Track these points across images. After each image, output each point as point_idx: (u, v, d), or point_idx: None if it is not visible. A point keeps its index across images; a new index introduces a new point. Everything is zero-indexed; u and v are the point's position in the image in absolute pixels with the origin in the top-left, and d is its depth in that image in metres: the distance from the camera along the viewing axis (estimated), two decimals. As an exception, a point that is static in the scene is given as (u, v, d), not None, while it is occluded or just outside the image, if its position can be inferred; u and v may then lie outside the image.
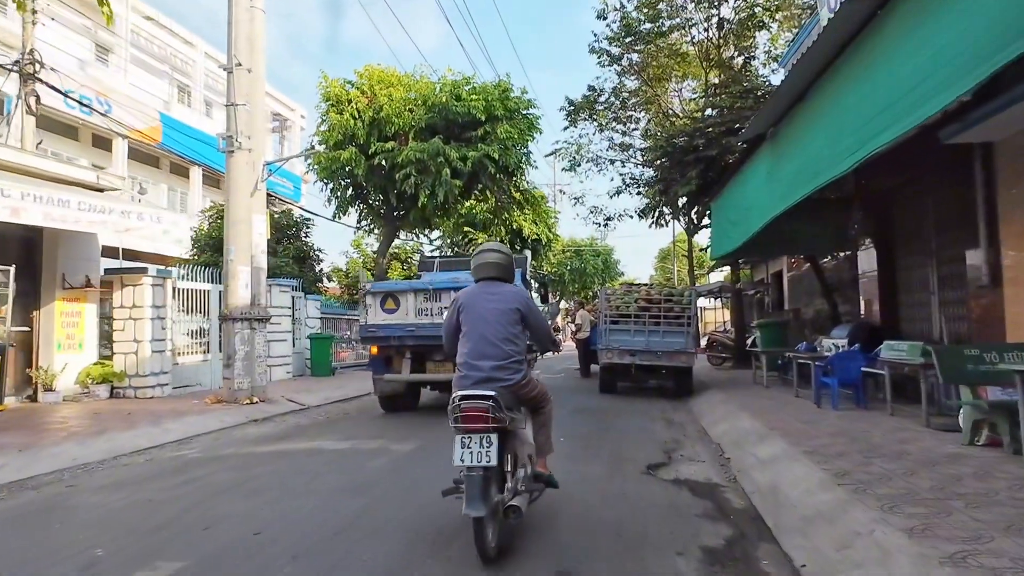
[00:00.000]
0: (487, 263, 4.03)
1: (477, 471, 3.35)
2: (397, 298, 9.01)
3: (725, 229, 11.11)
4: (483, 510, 3.26)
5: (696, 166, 13.04)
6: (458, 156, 14.80)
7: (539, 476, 4.00)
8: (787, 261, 19.19)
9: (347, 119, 15.46)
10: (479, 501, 3.27)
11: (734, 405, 8.79)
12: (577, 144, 18.43)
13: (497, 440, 3.42)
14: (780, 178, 7.85)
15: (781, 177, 7.80)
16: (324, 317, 17.74)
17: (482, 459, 3.35)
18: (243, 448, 6.81)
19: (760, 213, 8.70)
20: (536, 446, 4.04)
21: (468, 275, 4.79)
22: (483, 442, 3.40)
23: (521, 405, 3.85)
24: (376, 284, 9.50)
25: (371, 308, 9.10)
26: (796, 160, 7.28)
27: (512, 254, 4.26)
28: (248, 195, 10.18)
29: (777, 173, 8.00)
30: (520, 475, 3.72)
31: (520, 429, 3.81)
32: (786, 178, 7.58)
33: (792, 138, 7.52)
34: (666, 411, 9.70)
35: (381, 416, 9.26)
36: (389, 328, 8.96)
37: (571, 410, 9.56)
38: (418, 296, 8.91)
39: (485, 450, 3.38)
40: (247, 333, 10.03)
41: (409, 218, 16.84)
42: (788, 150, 7.63)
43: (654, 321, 11.20)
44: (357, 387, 12.94)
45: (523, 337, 3.92)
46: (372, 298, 9.12)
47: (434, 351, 8.75)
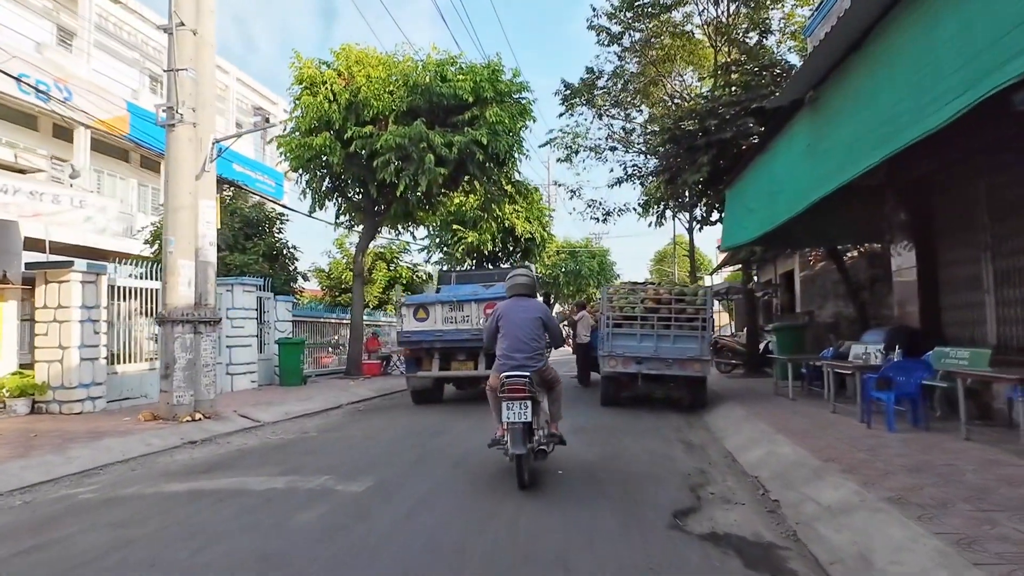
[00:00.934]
0: (519, 284, 5.73)
1: (518, 425, 4.96)
2: (427, 309, 10.63)
3: (740, 218, 9.71)
4: (523, 450, 4.91)
5: (707, 151, 11.65)
6: (443, 142, 13.39)
7: (552, 435, 5.61)
8: (799, 260, 17.85)
9: (321, 101, 14.03)
10: (521, 444, 4.91)
11: (763, 423, 7.37)
12: (574, 132, 17.01)
13: (530, 406, 5.04)
14: (826, 151, 6.45)
15: (827, 150, 6.40)
16: (298, 320, 16.27)
17: (521, 417, 4.98)
18: (151, 486, 5.34)
19: (794, 196, 7.30)
20: (551, 414, 5.73)
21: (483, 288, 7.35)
22: (521, 406, 5.01)
23: (541, 385, 5.47)
24: (409, 298, 11.26)
25: (405, 317, 10.75)
26: (851, 126, 5.88)
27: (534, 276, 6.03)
28: (192, 177, 8.73)
29: (821, 145, 6.60)
30: (542, 432, 5.39)
31: (542, 401, 5.49)
32: (835, 150, 6.18)
33: (844, 98, 6.12)
34: (680, 429, 8.28)
35: (340, 438, 7.80)
36: (420, 334, 10.54)
37: (570, 429, 8.09)
38: (444, 307, 10.51)
39: (524, 411, 5.00)
40: (190, 338, 8.55)
41: (391, 212, 15.40)
42: (838, 115, 6.23)
43: (663, 324, 9.78)
44: (327, 399, 11.48)
45: (544, 337, 5.53)
46: (406, 309, 10.82)
47: (457, 352, 10.47)
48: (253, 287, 13.38)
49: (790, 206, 7.37)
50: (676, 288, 10.35)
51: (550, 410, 5.72)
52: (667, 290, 10.18)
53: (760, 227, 8.63)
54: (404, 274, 25.19)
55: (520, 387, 5.05)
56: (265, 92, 30.82)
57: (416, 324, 10.58)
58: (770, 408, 8.76)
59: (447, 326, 10.41)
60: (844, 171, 5.94)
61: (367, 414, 10.21)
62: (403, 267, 25.36)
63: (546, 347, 5.69)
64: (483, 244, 23.19)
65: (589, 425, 8.47)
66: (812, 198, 6.72)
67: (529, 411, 5.00)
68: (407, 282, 25.30)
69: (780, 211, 7.75)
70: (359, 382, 14.40)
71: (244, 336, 12.97)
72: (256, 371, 13.35)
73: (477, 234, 23.28)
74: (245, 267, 14.76)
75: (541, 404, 5.48)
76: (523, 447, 4.90)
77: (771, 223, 8.09)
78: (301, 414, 10.04)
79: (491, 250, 23.77)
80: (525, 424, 4.98)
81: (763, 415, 8.10)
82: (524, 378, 5.09)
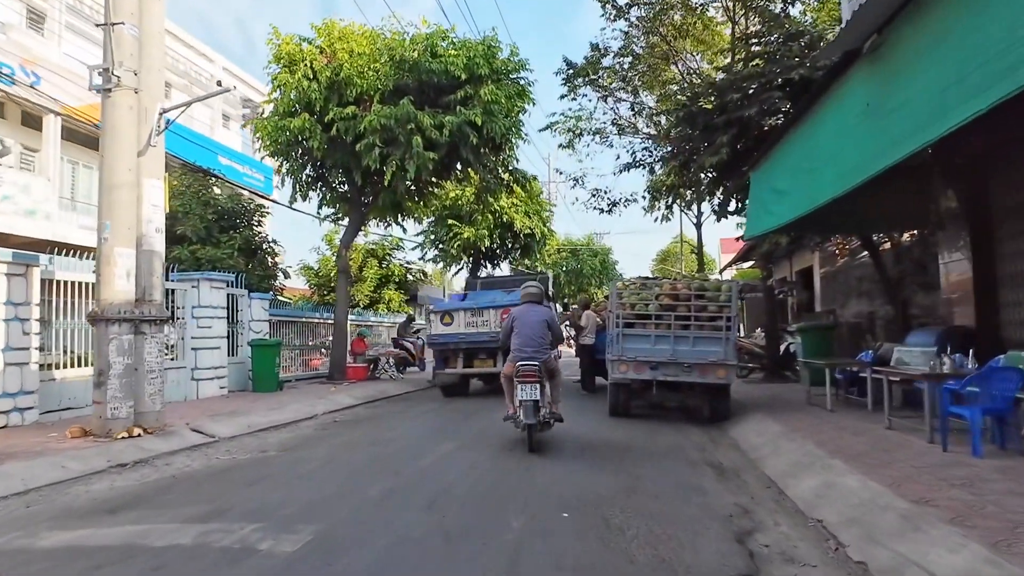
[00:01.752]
0: (530, 293, 7.32)
1: (529, 402, 6.48)
2: (452, 315, 11.99)
3: (768, 203, 8.44)
4: (534, 420, 6.45)
5: (727, 130, 10.38)
6: (433, 123, 12.13)
7: (553, 413, 6.95)
8: (818, 256, 16.60)
9: (299, 79, 12.77)
10: (532, 416, 6.46)
11: (808, 442, 6.11)
12: (576, 116, 15.71)
13: (539, 388, 6.56)
14: (896, 110, 5.18)
15: (898, 107, 5.14)
16: (277, 320, 15.00)
17: (532, 396, 6.50)
18: (26, 536, 4.05)
19: (846, 170, 6.05)
20: (552, 397, 7.04)
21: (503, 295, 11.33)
22: (532, 388, 6.52)
23: (546, 373, 6.82)
24: (438, 304, 12.98)
25: (434, 323, 12.21)
26: (934, 72, 4.62)
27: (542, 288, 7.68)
28: (133, 151, 7.47)
29: (888, 103, 5.33)
30: (546, 410, 6.79)
31: (546, 385, 6.86)
32: (912, 105, 4.92)
33: (924, 39, 4.85)
34: (705, 448, 7.00)
35: (299, 460, 6.51)
36: (446, 336, 11.94)
37: (575, 448, 6.84)
38: (467, 313, 11.85)
39: (534, 392, 6.51)
40: (128, 340, 7.29)
41: (378, 202, 14.14)
42: (914, 61, 4.97)
43: (682, 324, 8.52)
44: (300, 408, 10.20)
45: (548, 336, 7.00)
46: (435, 315, 12.27)
47: (479, 352, 11.81)
48: (223, 283, 12.11)
49: (840, 181, 6.11)
50: (696, 282, 9.08)
51: (552, 394, 7.04)
52: (685, 285, 8.92)
53: (793, 211, 7.37)
54: (396, 272, 23.90)
55: (532, 373, 6.59)
56: (254, 83, 29.58)
57: (443, 328, 11.99)
58: (808, 421, 7.49)
59: (469, 330, 11.72)
60: (925, 131, 4.68)
61: (342, 426, 8.94)
62: (395, 264, 24.08)
63: (550, 344, 7.05)
64: (480, 240, 21.94)
65: (597, 442, 7.19)
66: (874, 169, 5.47)
67: (538, 392, 6.54)
68: (400, 280, 24.02)
69: (823, 189, 6.48)
70: (342, 388, 13.14)
71: (212, 337, 11.70)
72: (226, 376, 12.08)
73: (474, 229, 22.03)
74: (218, 262, 13.48)
75: (546, 388, 6.84)
76: (534, 419, 6.47)
77: (809, 204, 6.83)
78: (266, 426, 8.77)
79: (488, 246, 22.54)
80: (535, 402, 6.51)
81: (803, 430, 6.83)
82: (535, 366, 6.65)
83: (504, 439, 7.29)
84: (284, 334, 15.51)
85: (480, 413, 9.95)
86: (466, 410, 10.51)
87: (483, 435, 7.69)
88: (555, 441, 7.11)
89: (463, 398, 12.50)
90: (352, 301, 22.64)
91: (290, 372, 15.26)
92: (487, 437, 7.51)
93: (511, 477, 5.40)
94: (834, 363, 8.64)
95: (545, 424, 6.70)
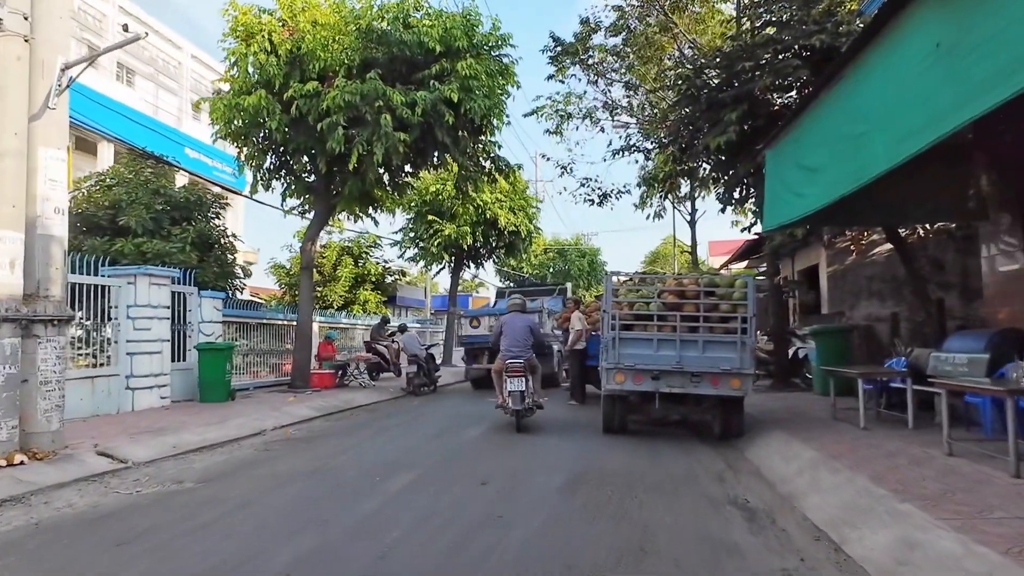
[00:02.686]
0: (515, 304, 8.99)
1: (516, 392, 7.99)
2: (479, 319, 14.33)
3: (793, 184, 7.15)
4: (521, 407, 7.97)
5: (735, 107, 9.15)
6: (404, 100, 10.78)
7: (536, 402, 8.39)
8: (825, 253, 15.41)
9: (256, 52, 11.39)
10: (520, 403, 7.97)
11: (861, 478, 4.82)
12: (565, 98, 14.42)
13: (524, 380, 8.05)
14: (980, 46, 3.93)
15: (982, 43, 3.90)
16: (239, 322, 13.59)
17: (519, 387, 8.00)
18: None
19: (905, 132, 4.81)
20: (534, 389, 8.40)
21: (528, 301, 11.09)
22: (519, 380, 8.02)
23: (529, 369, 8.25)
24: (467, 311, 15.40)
25: (464, 326, 14.72)
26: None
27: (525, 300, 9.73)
28: (23, 112, 6.07)
29: (969, 37, 4.07)
30: (530, 400, 8.20)
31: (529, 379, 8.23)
32: (1006, 37, 3.68)
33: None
34: (723, 477, 5.71)
35: (213, 500, 5.12)
36: (473, 338, 14.18)
37: (563, 480, 5.51)
38: (491, 318, 13.70)
39: (520, 383, 8.02)
40: (14, 344, 5.89)
41: (345, 191, 12.76)
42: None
43: (689, 326, 7.24)
44: (247, 422, 8.81)
45: (531, 339, 8.50)
46: (464, 319, 14.82)
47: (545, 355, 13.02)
48: (166, 279, 10.69)
49: (899, 146, 4.87)
50: (705, 277, 7.79)
51: (533, 386, 8.35)
52: (693, 280, 7.63)
53: (832, 190, 6.07)
54: (373, 271, 22.47)
55: (519, 368, 8.10)
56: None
57: (471, 330, 14.32)
58: (844, 443, 6.22)
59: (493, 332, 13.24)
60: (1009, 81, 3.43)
61: (289, 446, 7.57)
62: (372, 263, 22.64)
63: (531, 346, 8.50)
64: (462, 237, 20.60)
65: (591, 471, 5.85)
66: (952, 124, 4.24)
67: (523, 384, 8.08)
68: (377, 281, 22.59)
69: (875, 159, 5.22)
70: (303, 397, 11.74)
71: (151, 341, 10.27)
72: (168, 384, 10.65)
73: (455, 226, 20.68)
74: (167, 256, 12.05)
75: (529, 381, 8.20)
76: (521, 405, 8.02)
77: (856, 180, 5.55)
78: (198, 447, 7.37)
79: (471, 244, 21.19)
80: (521, 392, 8.02)
81: (843, 456, 5.56)
82: (521, 363, 8.13)
83: (475, 466, 5.98)
84: (250, 337, 14.12)
85: (453, 430, 8.61)
86: (440, 423, 9.18)
87: (451, 461, 6.36)
88: (541, 468, 5.82)
89: (441, 407, 11.18)
90: (325, 302, 21.24)
91: (253, 379, 13.84)
92: (455, 464, 6.19)
93: (477, 535, 4.03)
94: (869, 372, 7.38)
95: (529, 410, 8.32)
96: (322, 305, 20.70)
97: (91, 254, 10.90)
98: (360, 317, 20.04)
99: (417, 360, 13.79)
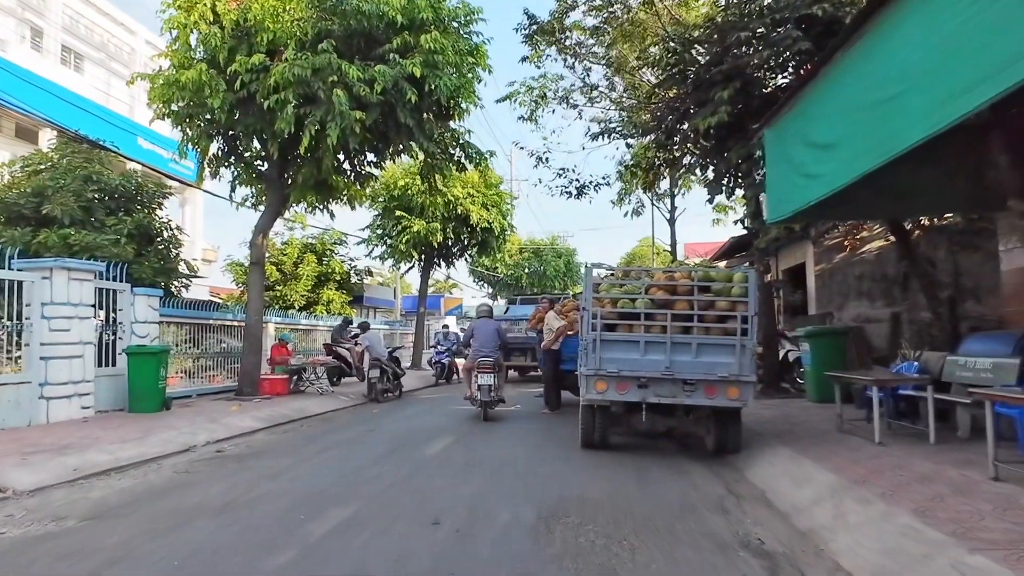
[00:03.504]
0: (483, 311, 10.67)
1: (486, 386, 9.26)
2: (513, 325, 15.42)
3: (802, 165, 6.22)
4: (488, 399, 9.32)
5: (727, 85, 8.26)
6: (361, 76, 9.71)
7: (499, 397, 9.69)
8: (812, 251, 14.68)
9: (196, 22, 10.23)
10: (487, 395, 9.30)
11: (901, 512, 3.91)
12: (541, 81, 13.43)
13: (492, 377, 9.28)
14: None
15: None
16: (186, 322, 12.39)
17: (488, 382, 9.27)
18: None
19: (948, 93, 3.95)
20: (498, 384, 9.59)
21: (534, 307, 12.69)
22: (488, 376, 9.26)
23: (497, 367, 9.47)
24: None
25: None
26: None
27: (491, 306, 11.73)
28: None
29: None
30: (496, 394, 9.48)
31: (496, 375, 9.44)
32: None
33: None
34: (727, 508, 4.75)
35: (67, 555, 4.01)
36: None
37: (535, 514, 4.49)
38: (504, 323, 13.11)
39: (488, 379, 9.27)
40: None
41: (298, 179, 11.63)
42: None
43: (681, 327, 6.30)
44: (175, 436, 7.67)
45: (498, 341, 9.84)
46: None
47: (514, 351, 14.81)
48: (88, 273, 9.47)
49: (942, 110, 3.98)
50: (699, 270, 6.85)
51: (498, 382, 9.65)
52: (686, 273, 6.69)
53: (851, 168, 5.15)
54: (338, 270, 21.26)
55: (488, 366, 9.40)
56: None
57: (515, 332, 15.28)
58: (864, 462, 5.32)
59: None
60: None
61: (215, 468, 6.45)
62: (336, 261, 21.43)
63: (499, 348, 9.87)
64: (432, 234, 19.56)
65: (568, 502, 4.81)
66: (1015, 79, 3.33)
67: (491, 379, 9.37)
68: (342, 280, 21.38)
69: (911, 126, 4.32)
70: (250, 406, 10.56)
71: (70, 343, 9.05)
72: (92, 393, 9.42)
73: (424, 222, 19.63)
74: (97, 249, 10.80)
75: (496, 377, 9.54)
76: (488, 397, 9.38)
77: (883, 153, 4.65)
78: (105, 468, 6.23)
79: (441, 241, 20.16)
80: (489, 386, 9.37)
81: (871, 482, 4.65)
82: (490, 361, 9.44)
83: (428, 496, 4.95)
84: (204, 340, 12.94)
85: (409, 445, 7.54)
86: (396, 437, 8.12)
87: (399, 488, 5.29)
88: (508, 498, 4.82)
89: (402, 417, 10.14)
90: (286, 302, 20.01)
91: (205, 384, 12.64)
92: (404, 493, 5.12)
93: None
94: (887, 380, 6.49)
95: (495, 402, 9.60)
96: (283, 305, 19.45)
97: (12, 246, 9.69)
98: (323, 318, 18.84)
99: (380, 364, 12.70)
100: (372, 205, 20.67)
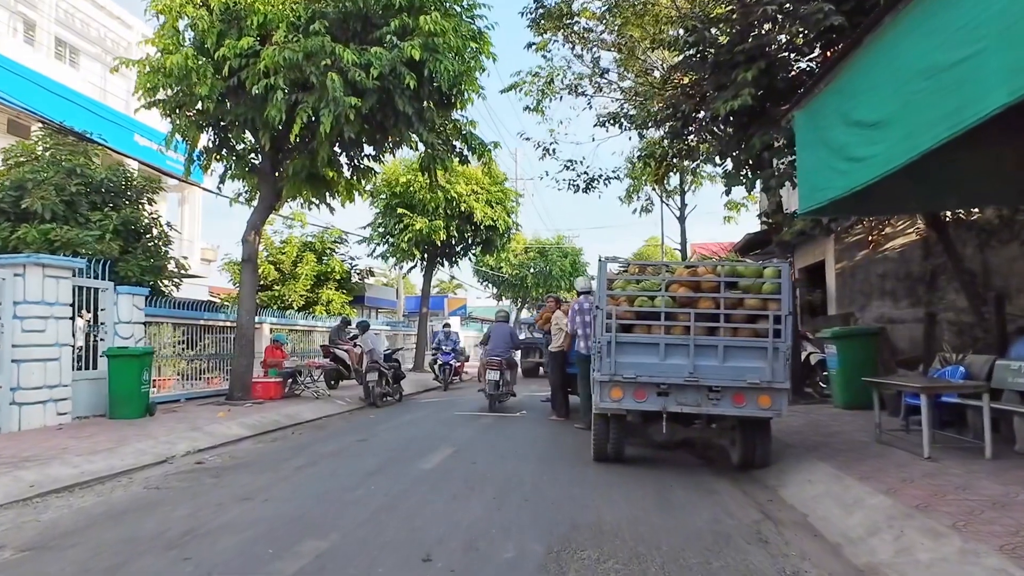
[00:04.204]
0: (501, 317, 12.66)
1: (493, 380, 10.76)
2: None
3: (840, 149, 5.52)
4: (495, 392, 10.83)
5: (750, 65, 7.61)
6: (357, 61, 9.11)
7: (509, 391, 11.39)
8: (833, 248, 13.99)
9: (182, 3, 9.65)
10: (495, 389, 10.81)
11: (988, 552, 3.27)
12: (549, 69, 12.77)
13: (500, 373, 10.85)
14: None
15: None
16: (168, 321, 11.79)
17: (495, 377, 10.79)
18: None
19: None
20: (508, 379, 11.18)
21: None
22: (496, 372, 10.82)
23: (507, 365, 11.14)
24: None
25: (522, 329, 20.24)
26: None
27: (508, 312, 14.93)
28: None
29: None
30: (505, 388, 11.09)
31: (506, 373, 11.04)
32: None
33: None
34: (766, 537, 4.09)
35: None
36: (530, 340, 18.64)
37: (541, 552, 3.83)
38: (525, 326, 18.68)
39: (496, 374, 10.81)
40: None
41: (290, 171, 11.03)
42: None
43: (706, 327, 5.65)
44: (151, 446, 7.07)
45: (511, 342, 11.58)
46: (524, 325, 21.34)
47: (532, 351, 18.92)
48: (66, 270, 8.89)
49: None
50: (725, 265, 6.18)
51: (508, 378, 11.20)
52: (710, 268, 6.04)
53: (908, 147, 4.41)
54: (338, 269, 20.66)
55: (496, 363, 10.80)
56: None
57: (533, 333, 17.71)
58: (918, 482, 4.66)
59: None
60: None
61: (189, 485, 5.82)
62: (336, 260, 20.83)
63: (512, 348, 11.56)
64: (435, 232, 18.96)
65: (581, 530, 4.16)
66: None
67: (499, 375, 10.74)
68: (342, 279, 20.78)
69: (987, 89, 3.65)
70: (240, 411, 9.96)
71: (46, 345, 8.46)
72: (70, 398, 8.83)
73: (427, 220, 19.04)
74: (80, 246, 10.22)
75: (506, 373, 11.01)
76: (495, 391, 10.72)
77: (951, 127, 3.92)
78: (68, 484, 5.62)
79: (444, 240, 19.56)
80: (496, 380, 10.69)
81: (934, 508, 3.99)
82: (499, 360, 10.84)
83: (419, 523, 4.31)
84: (200, 341, 12.37)
85: (404, 459, 6.90)
86: (390, 448, 7.49)
87: (388, 513, 4.62)
88: (512, 527, 4.17)
89: (399, 424, 9.52)
90: (284, 302, 19.41)
91: (194, 388, 12.06)
92: (392, 520, 4.45)
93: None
94: (934, 387, 5.82)
95: (504, 395, 11.08)
96: (281, 305, 18.86)
97: (-11, 241, 9.16)
98: (322, 319, 18.25)
99: (378, 366, 12.07)
100: (373, 202, 20.11)
